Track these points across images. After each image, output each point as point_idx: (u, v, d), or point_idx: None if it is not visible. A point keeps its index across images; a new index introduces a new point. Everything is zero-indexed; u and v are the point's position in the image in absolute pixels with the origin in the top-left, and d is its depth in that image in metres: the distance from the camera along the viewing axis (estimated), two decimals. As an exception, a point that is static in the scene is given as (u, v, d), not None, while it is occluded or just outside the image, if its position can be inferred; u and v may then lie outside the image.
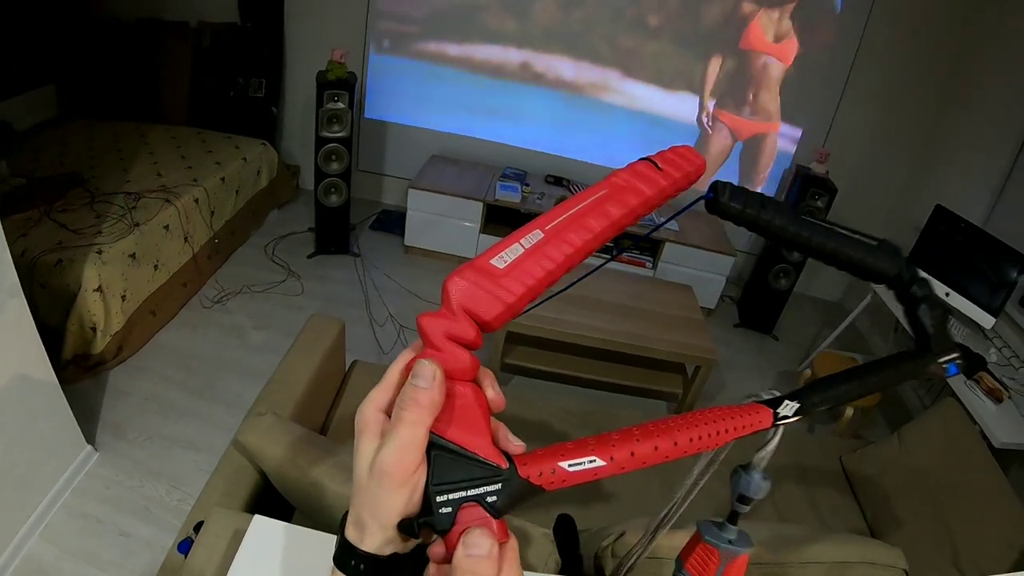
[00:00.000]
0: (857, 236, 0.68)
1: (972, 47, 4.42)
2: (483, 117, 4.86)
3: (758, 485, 0.73)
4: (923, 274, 0.72)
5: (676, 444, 0.54)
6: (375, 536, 0.50)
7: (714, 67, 4.73)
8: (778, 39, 4.60)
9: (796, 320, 4.97)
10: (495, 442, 0.52)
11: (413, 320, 3.65)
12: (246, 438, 1.67)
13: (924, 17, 4.42)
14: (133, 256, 3.24)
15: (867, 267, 0.68)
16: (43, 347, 2.35)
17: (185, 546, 1.41)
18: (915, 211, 4.10)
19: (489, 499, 0.49)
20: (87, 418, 2.84)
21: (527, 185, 4.65)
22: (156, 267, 3.45)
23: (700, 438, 0.56)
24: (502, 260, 0.51)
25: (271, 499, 1.74)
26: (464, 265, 0.52)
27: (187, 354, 3.44)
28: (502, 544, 0.49)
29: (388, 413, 0.52)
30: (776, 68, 4.69)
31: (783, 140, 4.88)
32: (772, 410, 0.64)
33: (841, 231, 0.68)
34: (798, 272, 4.59)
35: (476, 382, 0.53)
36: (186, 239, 3.70)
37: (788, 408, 0.65)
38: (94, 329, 3.07)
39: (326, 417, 2.44)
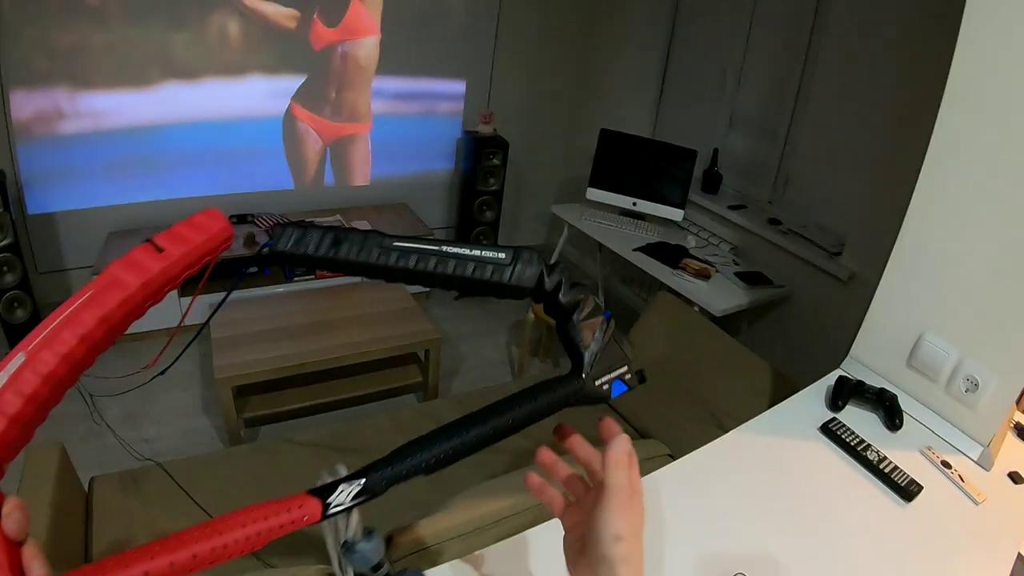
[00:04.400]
0: (481, 252, 0.64)
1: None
2: (153, 176, 4.51)
3: (371, 550, 0.69)
4: (572, 280, 0.66)
5: (195, 557, 0.50)
6: None
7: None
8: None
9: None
10: (20, 570, 0.47)
11: (145, 416, 3.40)
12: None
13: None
14: None
15: (501, 286, 0.64)
16: None
17: None
18: (586, 140, 4.29)
19: None
20: None
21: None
22: None
23: (235, 543, 0.52)
24: None
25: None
26: None
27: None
28: None
29: None
30: (361, 55, 4.36)
31: (451, 103, 4.86)
32: (322, 501, 0.56)
33: (457, 250, 0.63)
34: (496, 232, 4.75)
35: None
36: None
37: (344, 494, 0.57)
38: None
39: (85, 548, 2.20)
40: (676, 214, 3.88)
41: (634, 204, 3.96)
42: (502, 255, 0.64)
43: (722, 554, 1.20)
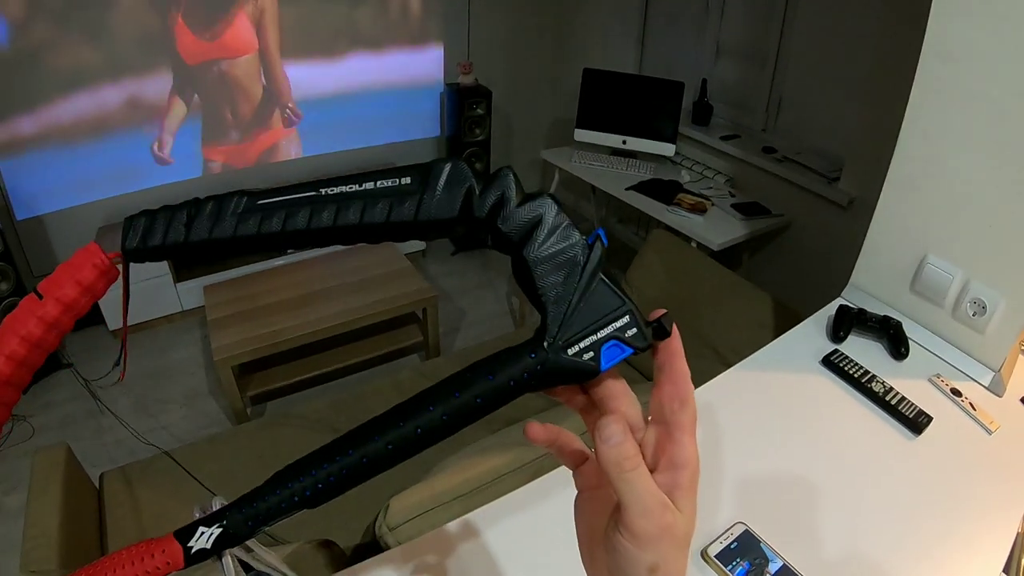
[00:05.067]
0: (375, 184, 0.45)
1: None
2: (137, 167, 4.45)
3: None
4: (524, 192, 0.46)
5: None
6: None
7: (176, 108, 3.99)
8: (215, 36, 3.89)
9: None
10: None
11: (153, 405, 3.39)
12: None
13: None
14: None
15: (408, 226, 0.45)
16: None
17: None
18: (571, 81, 4.22)
19: None
20: None
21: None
22: None
23: None
24: None
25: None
26: None
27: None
28: None
29: None
30: (243, 67, 4.02)
31: (431, 67, 4.71)
32: (182, 546, 0.46)
33: (339, 189, 0.45)
34: (488, 176, 4.63)
35: None
36: None
37: (204, 538, 0.45)
38: None
39: (100, 544, 2.19)
40: (668, 149, 3.80)
41: (624, 142, 3.88)
42: (405, 179, 0.45)
43: (724, 495, 1.16)
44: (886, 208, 1.66)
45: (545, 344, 0.42)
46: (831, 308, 1.71)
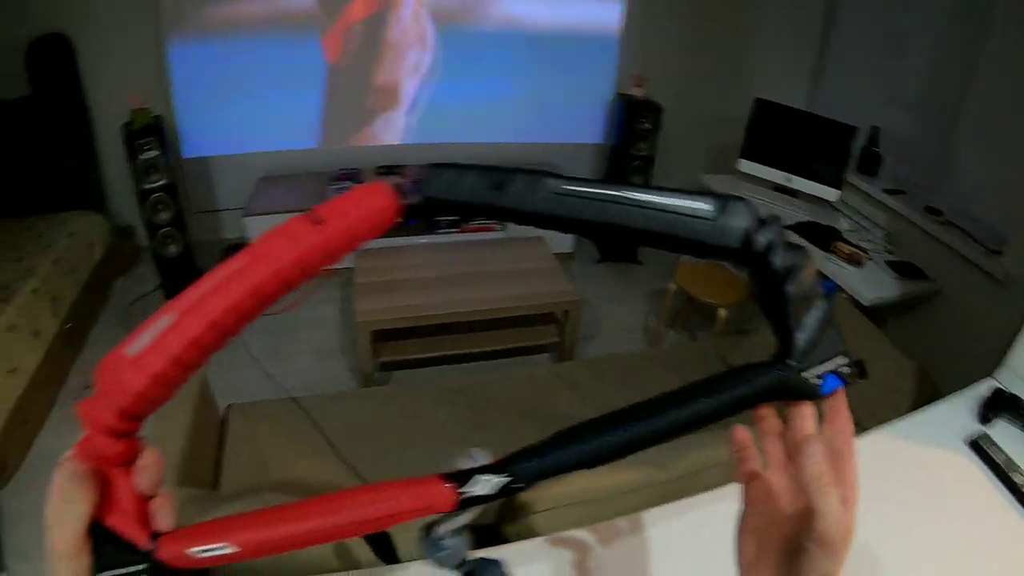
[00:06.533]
0: (679, 202, 0.50)
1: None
2: (305, 127, 4.65)
3: (453, 552, 0.58)
4: (787, 237, 0.52)
5: (321, 531, 0.49)
6: None
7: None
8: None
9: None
10: (147, 519, 0.49)
11: (287, 348, 3.57)
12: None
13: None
14: (-16, 366, 2.97)
15: (698, 245, 0.51)
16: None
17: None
18: (740, 110, 4.18)
19: None
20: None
21: (359, 182, 4.41)
22: (13, 372, 3.21)
23: (355, 523, 0.49)
24: (133, 348, 0.47)
25: None
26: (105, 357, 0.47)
27: (70, 455, 3.23)
28: None
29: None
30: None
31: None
32: (456, 487, 0.50)
33: (646, 197, 0.50)
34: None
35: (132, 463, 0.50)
36: (36, 334, 3.49)
37: (485, 485, 0.50)
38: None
39: (215, 473, 2.32)
40: (832, 194, 3.74)
41: (789, 180, 3.84)
42: (706, 206, 0.50)
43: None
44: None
45: (792, 364, 0.52)
46: (980, 386, 1.68)
